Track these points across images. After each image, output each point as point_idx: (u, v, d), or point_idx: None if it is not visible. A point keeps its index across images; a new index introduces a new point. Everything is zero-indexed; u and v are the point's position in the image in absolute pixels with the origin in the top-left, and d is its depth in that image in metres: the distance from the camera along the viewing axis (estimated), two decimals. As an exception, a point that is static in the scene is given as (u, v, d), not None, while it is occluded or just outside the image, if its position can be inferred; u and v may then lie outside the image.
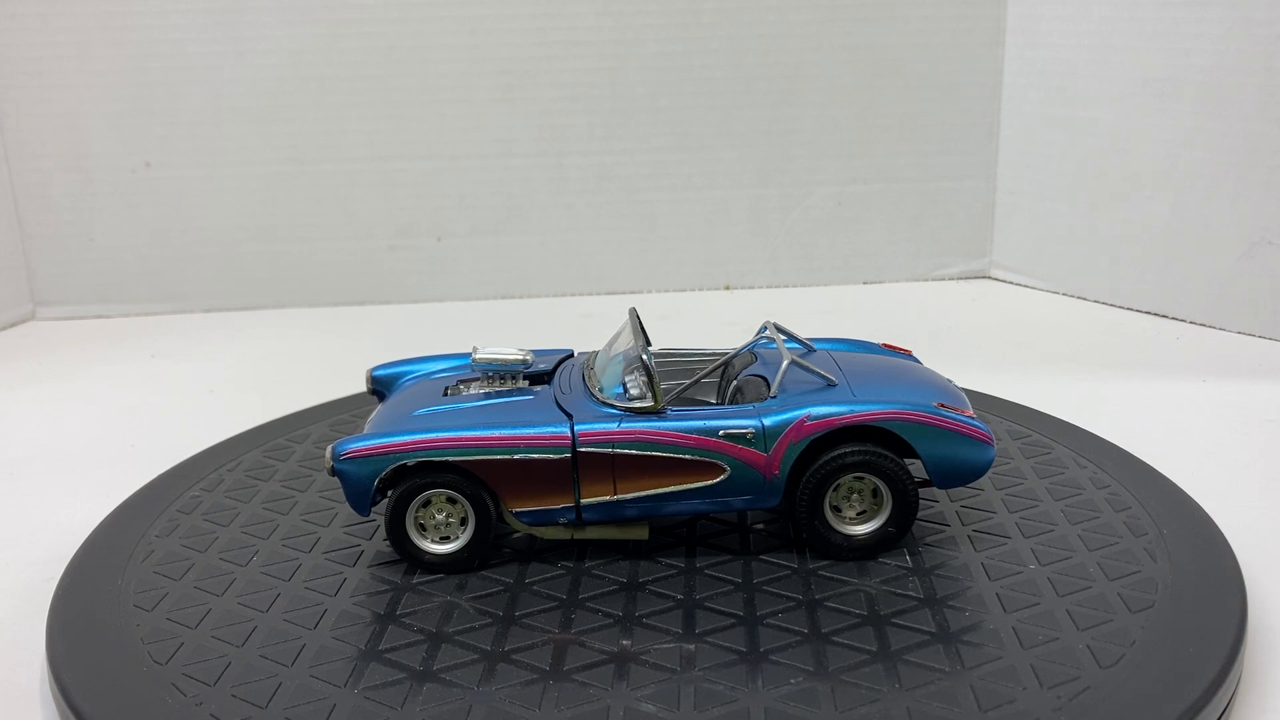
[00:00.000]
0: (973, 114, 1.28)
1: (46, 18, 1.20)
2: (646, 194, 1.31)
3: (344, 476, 0.60)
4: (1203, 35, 1.06)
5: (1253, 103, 1.03)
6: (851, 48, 1.27)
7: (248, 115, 1.25)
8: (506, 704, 0.48)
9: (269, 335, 1.21)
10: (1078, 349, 1.04)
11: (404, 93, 1.25)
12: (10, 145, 1.24)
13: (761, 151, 1.30)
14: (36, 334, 1.24)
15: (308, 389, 0.95)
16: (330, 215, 1.29)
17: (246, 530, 0.66)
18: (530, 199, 1.30)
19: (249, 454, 0.78)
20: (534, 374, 0.67)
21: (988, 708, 0.47)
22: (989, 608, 0.55)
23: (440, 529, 0.61)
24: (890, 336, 0.75)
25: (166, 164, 1.26)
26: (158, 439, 0.90)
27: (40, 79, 1.22)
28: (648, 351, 0.61)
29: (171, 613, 0.57)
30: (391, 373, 0.72)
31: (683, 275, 1.33)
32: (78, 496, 0.78)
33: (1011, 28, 1.25)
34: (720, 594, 0.57)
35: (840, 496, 0.60)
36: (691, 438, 0.59)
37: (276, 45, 1.23)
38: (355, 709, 0.48)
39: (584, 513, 0.60)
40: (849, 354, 0.69)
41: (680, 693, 0.49)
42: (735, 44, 1.26)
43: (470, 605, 0.57)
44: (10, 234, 1.26)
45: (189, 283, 1.30)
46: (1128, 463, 0.71)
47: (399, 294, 1.32)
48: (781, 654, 0.51)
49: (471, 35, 1.24)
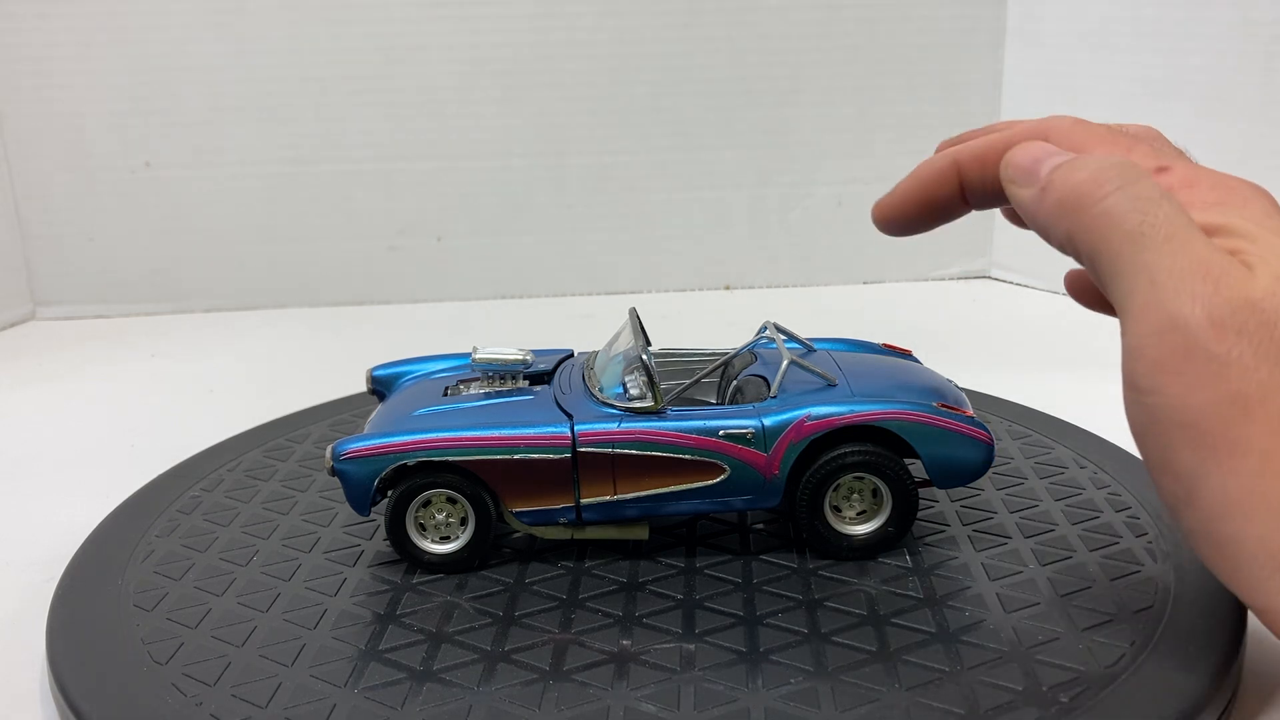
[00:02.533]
0: (973, 114, 1.28)
1: (46, 18, 1.20)
2: (646, 194, 1.31)
3: (344, 476, 0.60)
4: (1203, 35, 1.06)
5: (1253, 103, 1.03)
6: (851, 48, 1.27)
7: (248, 115, 1.25)
8: (506, 704, 0.48)
9: (269, 335, 1.21)
10: (1078, 349, 1.04)
11: (404, 93, 1.25)
12: (10, 145, 1.24)
13: (761, 151, 1.30)
14: (36, 334, 1.24)
15: (308, 389, 0.95)
16: (330, 215, 1.29)
17: (246, 530, 0.66)
18: (530, 199, 1.30)
19: (249, 454, 0.78)
20: (534, 374, 0.67)
21: (988, 708, 0.47)
22: (989, 608, 0.55)
23: (440, 529, 0.61)
24: (890, 336, 0.75)
25: (166, 164, 1.26)
26: (158, 439, 0.90)
27: (40, 79, 1.22)
28: (648, 351, 0.61)
29: (171, 613, 0.57)
30: (391, 373, 0.72)
31: (683, 275, 1.33)
32: (78, 496, 0.78)
33: (1011, 28, 1.25)
34: (720, 594, 0.57)
35: (840, 496, 0.60)
36: (691, 438, 0.59)
37: (276, 45, 1.23)
38: (355, 709, 0.48)
39: (584, 513, 0.60)
40: (849, 354, 0.69)
41: (680, 693, 0.49)
42: (735, 44, 1.26)
43: (470, 605, 0.57)
44: (10, 234, 1.26)
45: (189, 283, 1.30)
46: (1128, 463, 0.71)
47: (399, 294, 1.32)
48: (781, 654, 0.51)
49: (471, 35, 1.24)
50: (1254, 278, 0.43)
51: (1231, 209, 0.47)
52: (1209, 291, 0.43)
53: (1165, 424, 0.43)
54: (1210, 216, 0.47)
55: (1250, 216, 0.47)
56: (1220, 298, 0.43)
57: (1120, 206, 0.46)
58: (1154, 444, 0.44)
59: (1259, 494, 0.41)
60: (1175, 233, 0.45)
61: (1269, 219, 0.47)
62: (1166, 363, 0.43)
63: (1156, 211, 0.45)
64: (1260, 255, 0.45)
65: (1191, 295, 0.43)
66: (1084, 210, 0.47)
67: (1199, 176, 0.49)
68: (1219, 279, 0.43)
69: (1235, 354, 0.42)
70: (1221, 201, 0.48)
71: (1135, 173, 0.47)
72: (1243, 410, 0.41)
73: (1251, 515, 0.42)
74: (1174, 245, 0.44)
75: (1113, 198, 0.46)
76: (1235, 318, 0.42)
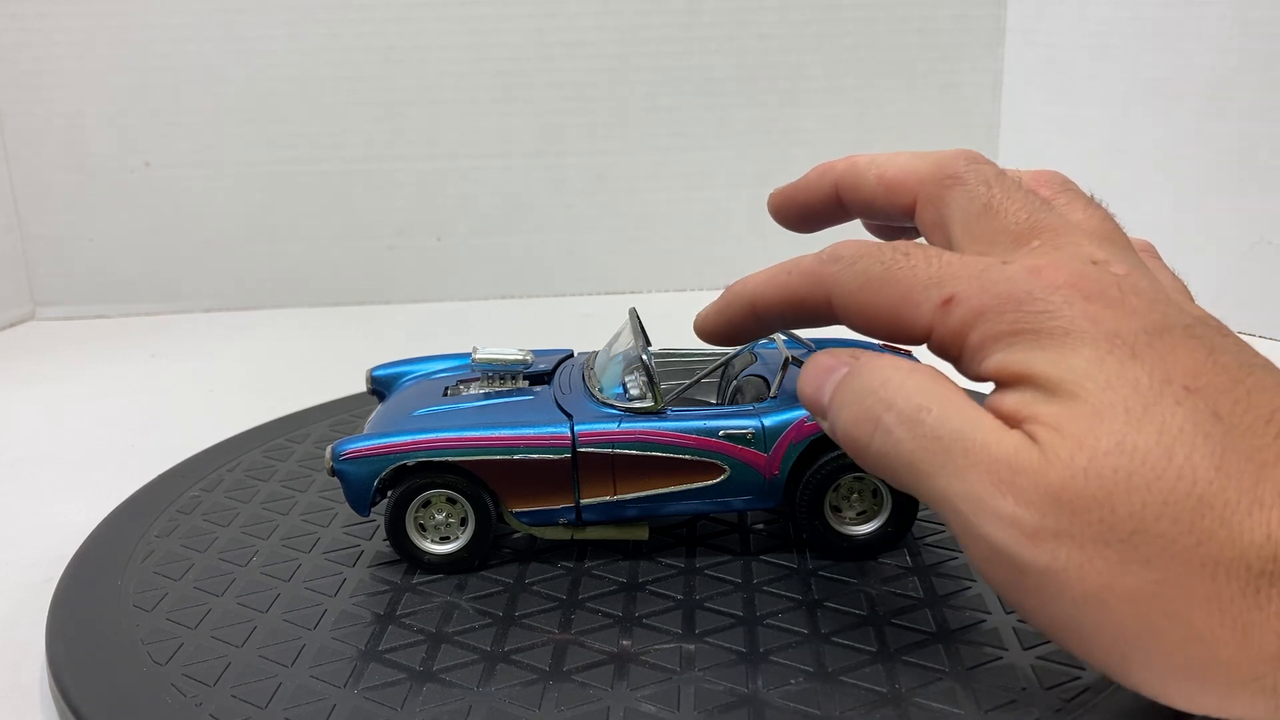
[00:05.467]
0: (973, 114, 1.28)
1: (46, 18, 1.20)
2: (646, 194, 1.31)
3: (344, 477, 0.59)
4: (1203, 35, 1.06)
5: (1253, 103, 1.03)
6: (851, 48, 1.27)
7: (248, 115, 1.25)
8: (506, 704, 0.48)
9: (269, 335, 1.21)
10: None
11: (404, 93, 1.25)
12: (10, 145, 1.24)
13: (761, 151, 1.30)
14: (36, 334, 1.24)
15: (308, 389, 0.95)
16: (330, 215, 1.29)
17: (246, 530, 0.66)
18: (530, 199, 1.30)
19: (249, 454, 0.78)
20: (534, 374, 0.67)
21: (988, 708, 0.47)
22: (989, 608, 0.55)
23: (440, 529, 0.61)
24: (890, 336, 0.75)
25: (166, 164, 1.26)
26: (158, 439, 0.90)
27: (40, 79, 1.22)
28: (648, 351, 0.61)
29: (171, 613, 0.57)
30: (391, 373, 0.72)
31: (683, 275, 1.33)
32: (78, 496, 0.78)
33: (1011, 28, 1.25)
34: (720, 594, 0.57)
35: (840, 497, 0.60)
36: (691, 438, 0.59)
37: (276, 45, 1.23)
38: (355, 709, 0.48)
39: (584, 513, 0.60)
40: (849, 354, 0.69)
41: (680, 693, 0.49)
42: (735, 44, 1.26)
43: (470, 605, 0.57)
44: (10, 234, 1.26)
45: (189, 283, 1.30)
46: (1128, 463, 0.71)
47: (399, 294, 1.32)
48: (781, 654, 0.51)
49: (471, 35, 1.24)
50: (1052, 456, 0.39)
51: (1025, 340, 0.41)
52: (1009, 504, 0.39)
53: (1047, 632, 0.41)
54: (1003, 358, 0.42)
55: (1048, 341, 0.41)
56: (1022, 506, 0.39)
57: (885, 446, 0.43)
58: (1055, 642, 0.42)
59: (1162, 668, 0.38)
60: (950, 448, 0.41)
61: (1069, 332, 0.40)
62: (1011, 584, 0.40)
63: (922, 433, 0.42)
64: (1061, 412, 0.39)
65: (996, 516, 0.39)
66: (862, 455, 0.45)
67: (986, 299, 0.42)
68: (1013, 482, 0.39)
69: (1062, 560, 0.38)
70: (1013, 331, 0.42)
71: (899, 391, 0.43)
72: (1098, 608, 0.38)
73: (1170, 684, 0.39)
74: (954, 465, 0.41)
75: (876, 439, 0.43)
76: (1046, 521, 0.38)
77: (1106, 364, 0.40)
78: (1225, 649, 0.37)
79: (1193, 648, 0.37)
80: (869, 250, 0.47)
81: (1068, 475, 0.38)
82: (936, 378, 0.44)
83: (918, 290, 0.44)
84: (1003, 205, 0.47)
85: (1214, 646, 0.37)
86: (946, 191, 0.49)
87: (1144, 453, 0.38)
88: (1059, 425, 0.39)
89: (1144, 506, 0.37)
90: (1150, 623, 0.38)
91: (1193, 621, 0.37)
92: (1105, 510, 0.38)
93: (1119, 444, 0.38)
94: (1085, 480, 0.38)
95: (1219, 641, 0.37)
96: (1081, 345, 0.40)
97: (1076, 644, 0.40)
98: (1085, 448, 0.38)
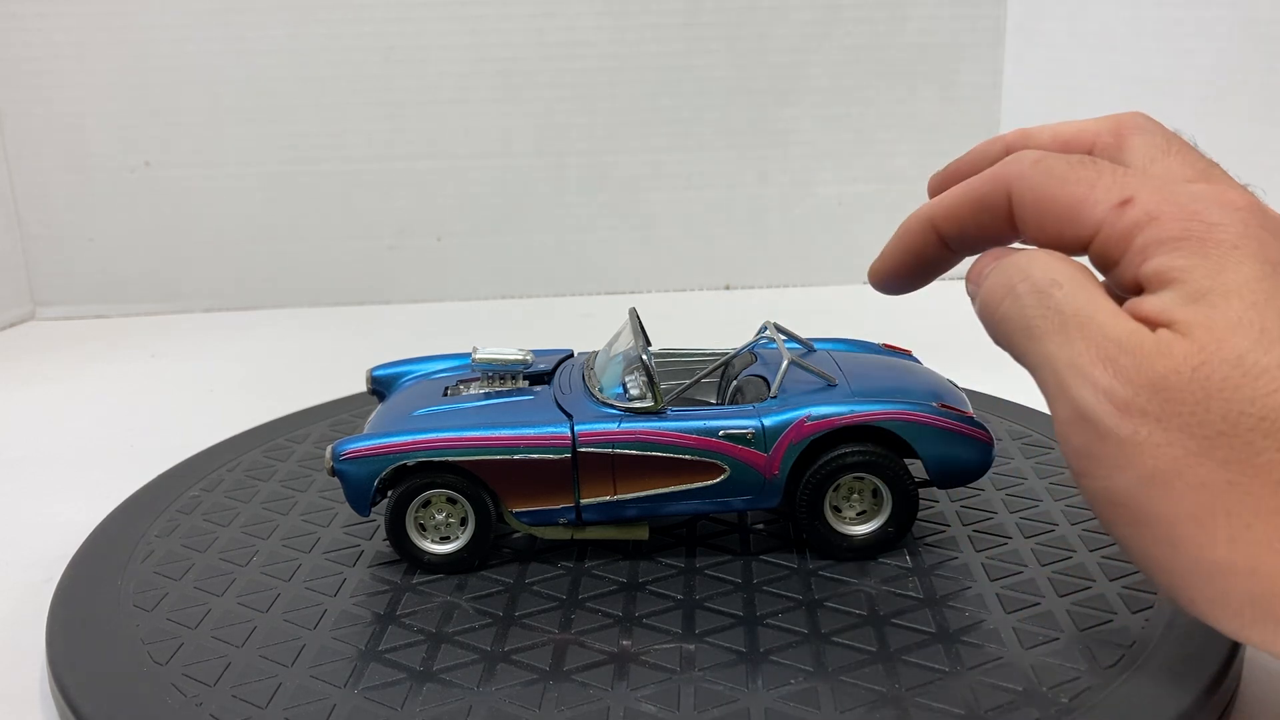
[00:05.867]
0: (973, 114, 1.28)
1: (46, 18, 1.20)
2: (646, 194, 1.31)
3: (344, 477, 0.59)
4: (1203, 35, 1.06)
5: (1253, 103, 1.03)
6: (851, 48, 1.27)
7: (248, 115, 1.25)
8: (506, 704, 0.48)
9: (269, 335, 1.21)
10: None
11: (404, 93, 1.25)
12: (10, 145, 1.24)
13: (761, 151, 1.30)
14: (36, 334, 1.24)
15: (308, 389, 0.95)
16: (330, 215, 1.29)
17: (246, 530, 0.66)
18: (530, 199, 1.30)
19: (249, 454, 0.78)
20: (534, 374, 0.67)
21: (988, 708, 0.47)
22: (989, 608, 0.55)
23: (440, 529, 0.61)
24: (890, 336, 0.75)
25: (166, 164, 1.26)
26: (158, 439, 0.90)
27: (40, 79, 1.22)
28: (648, 351, 0.61)
29: (171, 613, 0.57)
30: (391, 373, 0.72)
31: (683, 275, 1.33)
32: (78, 496, 0.78)
33: (1011, 28, 1.25)
34: (720, 594, 0.57)
35: (840, 497, 0.60)
36: (691, 438, 0.59)
37: (276, 45, 1.23)
38: (355, 709, 0.48)
39: (584, 513, 0.60)
40: (849, 354, 0.69)
41: (680, 693, 0.49)
42: (735, 44, 1.26)
43: (470, 605, 0.57)
44: (10, 234, 1.26)
45: (189, 283, 1.30)
46: (1128, 463, 0.71)
47: (399, 294, 1.32)
48: (781, 654, 0.51)
49: (471, 35, 1.24)
50: (1165, 350, 0.41)
51: (1190, 247, 0.44)
52: (1108, 377, 0.42)
53: (1100, 504, 0.44)
54: (1163, 261, 0.44)
55: (1213, 251, 0.43)
56: (1121, 380, 0.42)
57: (1012, 309, 0.47)
58: (1101, 519, 0.45)
59: (1202, 563, 0.41)
60: (1068, 320, 0.44)
61: (1238, 247, 0.43)
62: (1085, 450, 0.43)
63: (1047, 304, 0.45)
64: (1195, 318, 0.42)
65: (1092, 384, 0.43)
66: (990, 318, 0.48)
67: (1164, 206, 0.45)
68: (1117, 360, 0.42)
69: (1143, 435, 0.41)
70: (1182, 236, 0.44)
71: (1039, 266, 0.47)
72: (1162, 488, 0.41)
73: (1202, 582, 0.41)
74: (1068, 334, 0.44)
75: (1006, 302, 0.47)
76: (1138, 399, 0.41)
77: (1262, 285, 0.42)
78: (1273, 559, 0.40)
79: (1240, 548, 0.40)
80: (1054, 153, 0.49)
81: (1173, 370, 0.41)
82: (1079, 266, 0.47)
83: (1100, 189, 0.47)
84: (1181, 150, 0.49)
85: (1262, 555, 0.40)
86: (1126, 138, 0.51)
87: (1260, 371, 0.40)
88: (1189, 329, 0.42)
89: (1241, 415, 0.40)
90: (1209, 515, 0.40)
91: (1251, 526, 0.40)
92: (1200, 407, 0.40)
93: (1239, 358, 0.40)
94: (1190, 378, 0.41)
95: (1273, 552, 0.40)
96: (1244, 262, 0.43)
97: (1128, 521, 0.43)
98: (1205, 352, 0.41)
